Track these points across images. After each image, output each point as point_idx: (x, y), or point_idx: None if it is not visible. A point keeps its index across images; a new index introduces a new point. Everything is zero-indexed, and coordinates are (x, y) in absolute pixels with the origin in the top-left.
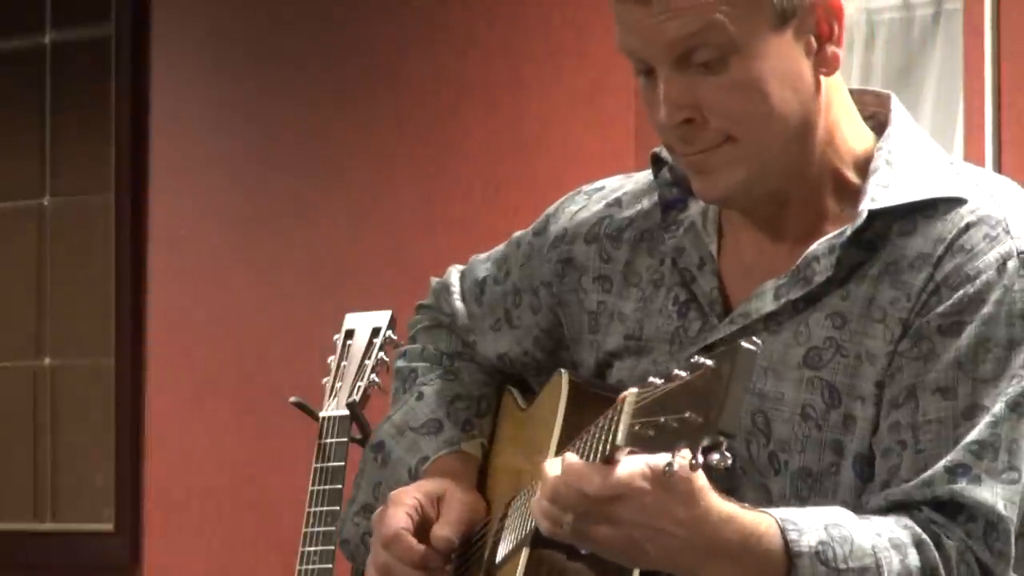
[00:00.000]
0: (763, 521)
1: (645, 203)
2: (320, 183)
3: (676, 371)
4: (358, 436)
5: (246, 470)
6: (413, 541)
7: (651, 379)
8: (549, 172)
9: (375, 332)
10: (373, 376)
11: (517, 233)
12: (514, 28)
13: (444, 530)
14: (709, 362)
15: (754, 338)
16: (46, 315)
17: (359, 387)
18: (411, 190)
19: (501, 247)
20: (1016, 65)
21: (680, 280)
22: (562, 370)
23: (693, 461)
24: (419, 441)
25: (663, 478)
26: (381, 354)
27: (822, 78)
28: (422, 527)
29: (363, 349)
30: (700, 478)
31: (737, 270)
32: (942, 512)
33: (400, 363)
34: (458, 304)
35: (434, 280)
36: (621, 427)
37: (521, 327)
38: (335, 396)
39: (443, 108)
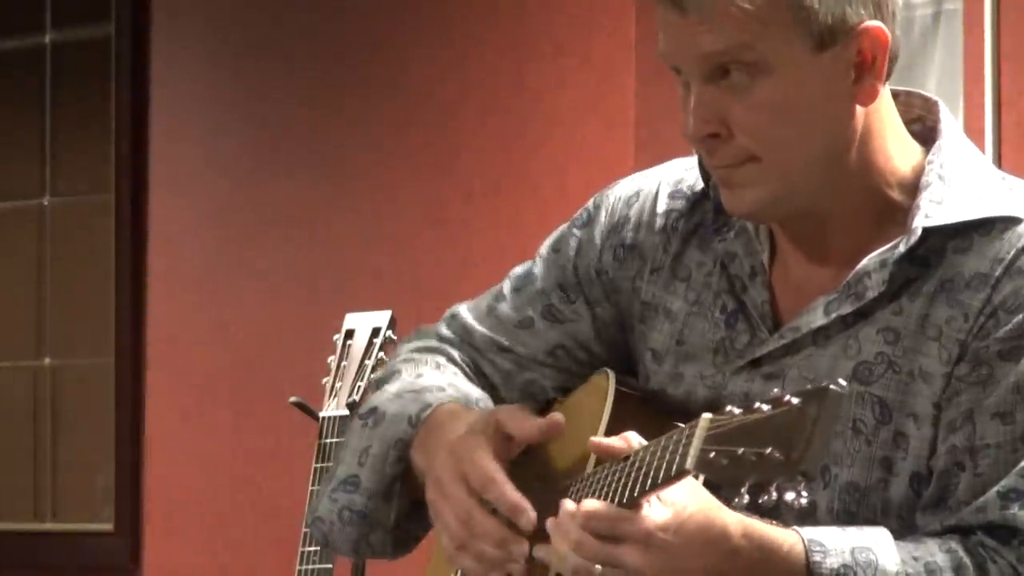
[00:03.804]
0: (788, 539)
1: (701, 196)
2: (320, 182)
3: (758, 404)
4: None
5: (246, 470)
6: (510, 487)
7: (728, 408)
8: (550, 173)
9: (375, 332)
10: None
11: (551, 237)
12: (517, 29)
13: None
14: (795, 400)
15: (841, 380)
16: (46, 315)
17: (359, 387)
18: (411, 189)
19: (525, 263)
20: (1016, 65)
21: (729, 287)
22: (607, 370)
23: (765, 498)
24: (421, 395)
25: (686, 523)
26: (381, 354)
27: (859, 107)
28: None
29: (363, 349)
30: (724, 513)
31: (788, 284)
32: (995, 536)
33: (378, 372)
34: (470, 321)
35: (423, 328)
36: (692, 451)
37: (579, 321)
38: (335, 396)
39: (445, 108)
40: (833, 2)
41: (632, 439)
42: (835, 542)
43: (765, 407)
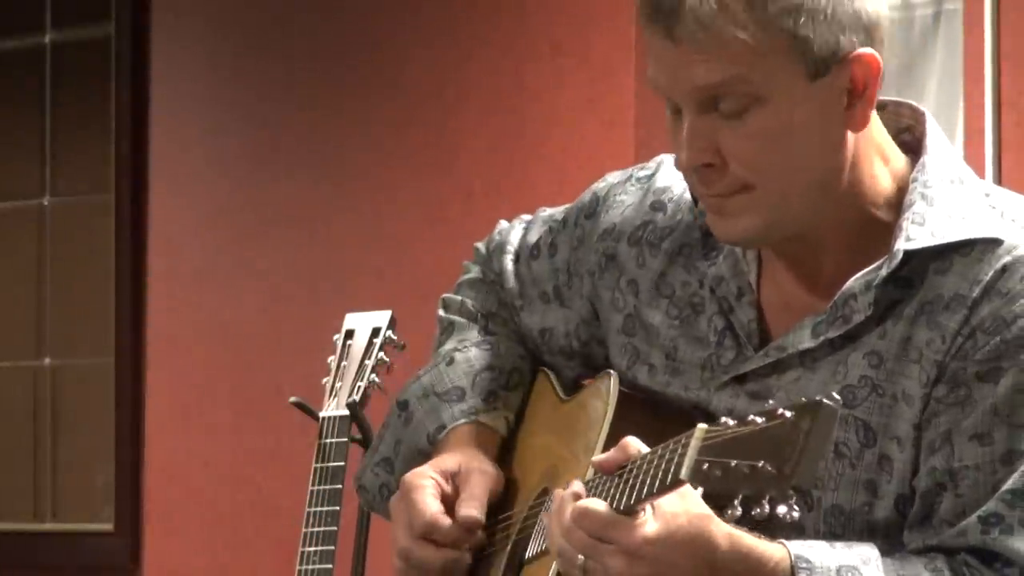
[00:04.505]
0: (775, 554)
1: (688, 215)
2: (320, 183)
3: (752, 416)
4: (358, 436)
5: (246, 470)
6: (448, 521)
7: (723, 419)
8: (550, 173)
9: (375, 332)
10: (373, 376)
11: (571, 206)
12: (516, 29)
13: (469, 509)
14: (788, 413)
15: (835, 394)
16: (46, 315)
17: (359, 387)
18: (412, 190)
19: (560, 211)
20: (1016, 65)
21: (718, 308)
22: (611, 372)
23: (758, 511)
24: (439, 407)
25: (675, 534)
26: (381, 354)
27: (850, 132)
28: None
29: (363, 349)
30: (713, 524)
31: (776, 303)
32: (978, 557)
33: (440, 312)
34: (509, 265)
35: (501, 224)
36: (687, 461)
37: (572, 309)
38: (335, 396)
39: (444, 108)
40: (828, 31)
41: (630, 444)
42: (822, 559)
43: (759, 419)
